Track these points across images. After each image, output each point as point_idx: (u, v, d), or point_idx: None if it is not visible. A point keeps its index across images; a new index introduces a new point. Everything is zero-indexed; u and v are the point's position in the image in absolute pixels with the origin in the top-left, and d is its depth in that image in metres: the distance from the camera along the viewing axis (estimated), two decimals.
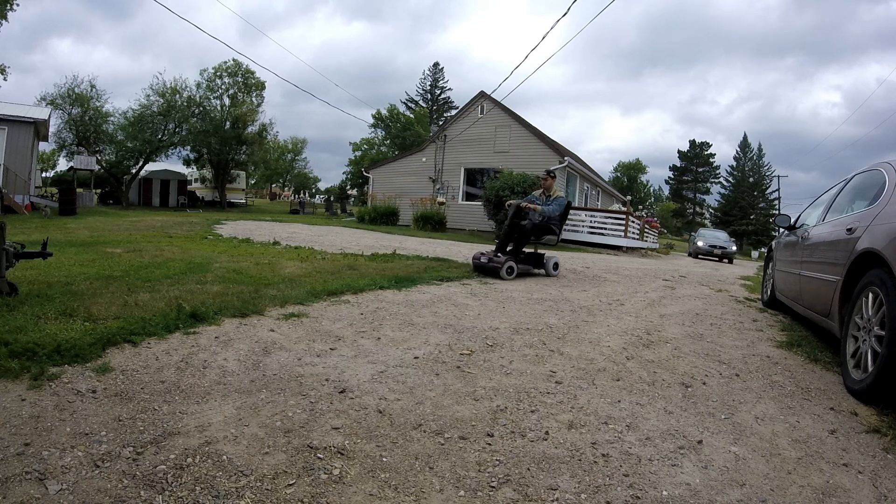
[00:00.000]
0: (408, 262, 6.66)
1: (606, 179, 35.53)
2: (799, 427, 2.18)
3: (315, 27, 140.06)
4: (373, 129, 44.24)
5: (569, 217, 17.81)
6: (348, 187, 49.04)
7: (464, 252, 9.00)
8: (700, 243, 21.23)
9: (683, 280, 7.82)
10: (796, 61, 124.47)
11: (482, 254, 6.18)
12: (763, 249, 39.56)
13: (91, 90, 26.16)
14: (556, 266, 6.69)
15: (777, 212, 41.24)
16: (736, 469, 1.78)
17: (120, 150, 28.03)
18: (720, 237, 22.14)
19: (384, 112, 43.02)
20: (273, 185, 59.97)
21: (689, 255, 21.98)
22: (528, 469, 1.69)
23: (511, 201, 6.54)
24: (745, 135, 68.61)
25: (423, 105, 53.53)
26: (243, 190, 38.82)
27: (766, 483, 1.70)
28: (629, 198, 35.52)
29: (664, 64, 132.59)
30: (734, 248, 21.44)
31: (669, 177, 64.73)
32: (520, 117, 19.74)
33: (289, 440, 1.76)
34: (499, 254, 6.04)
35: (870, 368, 2.43)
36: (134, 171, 29.10)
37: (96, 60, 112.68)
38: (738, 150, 59.34)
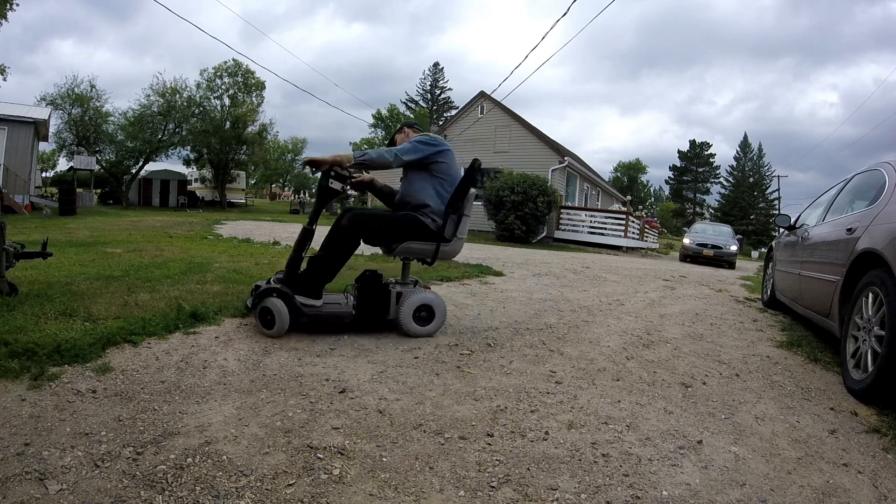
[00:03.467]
0: None
1: (606, 179, 35.54)
2: (799, 427, 2.18)
3: (315, 29, 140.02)
4: (373, 130, 44.29)
5: (565, 216, 18.04)
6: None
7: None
8: (687, 241, 15.61)
9: (683, 280, 7.81)
10: (793, 62, 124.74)
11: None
12: (763, 249, 39.41)
13: (91, 90, 26.24)
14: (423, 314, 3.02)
15: (777, 212, 41.25)
16: (736, 469, 1.77)
17: (120, 150, 28.08)
18: (723, 231, 16.93)
19: (384, 112, 43.04)
20: (273, 185, 59.99)
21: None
22: (528, 469, 1.69)
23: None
24: (745, 135, 68.87)
25: (423, 105, 53.53)
26: (243, 190, 38.83)
27: (766, 483, 1.70)
28: (629, 198, 35.55)
29: (661, 65, 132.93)
30: (734, 247, 15.22)
31: (669, 177, 64.80)
32: (520, 117, 19.74)
33: (289, 440, 1.76)
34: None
35: (870, 368, 2.44)
36: (134, 171, 29.13)
37: (98, 61, 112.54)
38: (739, 150, 59.48)
